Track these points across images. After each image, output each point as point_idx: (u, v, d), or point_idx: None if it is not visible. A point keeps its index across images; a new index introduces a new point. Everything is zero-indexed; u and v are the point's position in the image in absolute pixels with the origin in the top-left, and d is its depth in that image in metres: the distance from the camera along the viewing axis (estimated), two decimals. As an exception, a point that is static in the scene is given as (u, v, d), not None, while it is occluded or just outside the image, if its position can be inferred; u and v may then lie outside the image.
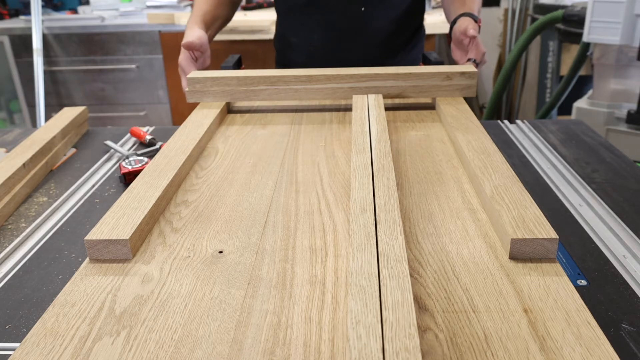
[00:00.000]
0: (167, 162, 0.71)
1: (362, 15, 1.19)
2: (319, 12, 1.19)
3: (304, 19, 1.22)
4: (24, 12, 2.78)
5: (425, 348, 0.41)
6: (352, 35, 1.21)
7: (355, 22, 1.19)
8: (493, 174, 0.64)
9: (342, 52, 1.23)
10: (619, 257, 0.62)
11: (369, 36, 1.21)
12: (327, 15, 1.19)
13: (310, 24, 1.21)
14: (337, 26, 1.20)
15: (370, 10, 1.19)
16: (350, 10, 1.18)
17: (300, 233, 0.58)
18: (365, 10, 1.18)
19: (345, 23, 1.20)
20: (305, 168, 0.73)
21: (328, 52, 1.23)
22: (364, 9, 1.18)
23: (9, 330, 0.52)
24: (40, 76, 2.46)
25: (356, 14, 1.19)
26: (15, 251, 0.67)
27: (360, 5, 1.18)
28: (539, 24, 2.25)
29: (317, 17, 1.20)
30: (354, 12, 1.19)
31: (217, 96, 0.95)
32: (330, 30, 1.21)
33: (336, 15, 1.19)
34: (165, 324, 0.45)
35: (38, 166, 0.85)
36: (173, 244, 0.56)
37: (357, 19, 1.19)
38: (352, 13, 1.19)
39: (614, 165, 0.86)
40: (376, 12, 1.20)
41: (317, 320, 0.45)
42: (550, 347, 0.41)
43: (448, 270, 0.51)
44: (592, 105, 1.94)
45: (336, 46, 1.22)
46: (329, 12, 1.19)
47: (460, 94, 0.94)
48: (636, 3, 1.68)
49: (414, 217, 0.60)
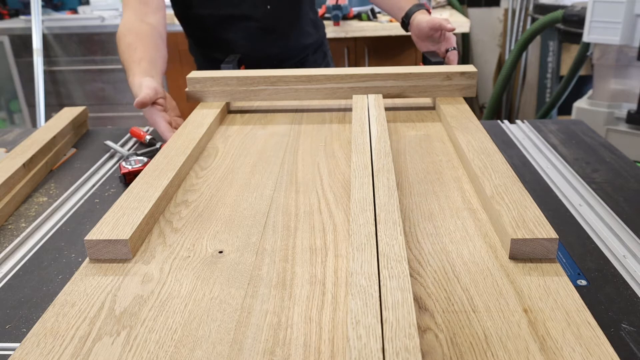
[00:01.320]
0: (167, 162, 0.71)
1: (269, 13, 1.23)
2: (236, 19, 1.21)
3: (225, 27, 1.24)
4: (24, 12, 2.77)
5: (425, 348, 0.41)
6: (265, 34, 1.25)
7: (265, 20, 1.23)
8: (493, 174, 0.64)
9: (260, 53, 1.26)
10: (619, 257, 0.62)
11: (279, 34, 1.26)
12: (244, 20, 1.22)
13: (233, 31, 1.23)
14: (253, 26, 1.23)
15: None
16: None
17: (300, 233, 0.58)
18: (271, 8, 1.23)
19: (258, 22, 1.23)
20: (305, 168, 0.73)
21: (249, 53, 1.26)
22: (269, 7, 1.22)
23: (9, 330, 0.52)
24: (40, 76, 2.46)
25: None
26: (15, 251, 0.67)
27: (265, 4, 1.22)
28: (539, 24, 2.25)
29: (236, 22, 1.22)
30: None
31: (217, 96, 0.95)
32: (249, 31, 1.23)
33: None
34: (165, 324, 0.45)
35: (38, 166, 0.85)
36: (173, 244, 0.56)
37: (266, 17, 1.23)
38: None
39: (614, 165, 0.86)
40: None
41: (317, 320, 0.45)
42: (550, 347, 0.41)
43: (448, 270, 0.51)
44: (592, 105, 1.95)
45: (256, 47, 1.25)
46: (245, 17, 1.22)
47: (460, 94, 0.94)
48: (636, 3, 1.68)
49: (414, 217, 0.60)
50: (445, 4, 2.83)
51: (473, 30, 2.98)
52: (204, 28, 1.25)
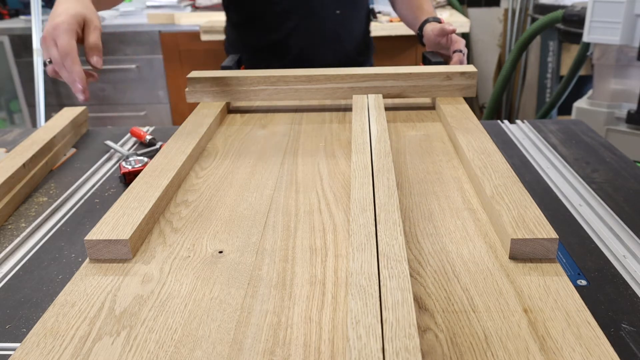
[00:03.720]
0: (167, 162, 0.71)
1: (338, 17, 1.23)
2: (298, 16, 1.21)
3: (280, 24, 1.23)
4: (24, 12, 2.78)
5: (425, 348, 0.41)
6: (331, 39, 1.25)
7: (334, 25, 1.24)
8: (493, 174, 0.64)
9: (320, 57, 1.26)
10: (619, 257, 0.62)
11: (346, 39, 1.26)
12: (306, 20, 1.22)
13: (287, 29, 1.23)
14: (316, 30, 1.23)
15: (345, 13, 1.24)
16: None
17: (300, 233, 0.58)
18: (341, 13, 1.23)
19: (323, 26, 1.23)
20: (305, 168, 0.73)
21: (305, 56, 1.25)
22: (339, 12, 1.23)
23: (9, 330, 0.52)
24: (40, 76, 2.46)
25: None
26: (15, 251, 0.67)
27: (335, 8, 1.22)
28: (539, 24, 2.25)
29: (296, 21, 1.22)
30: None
31: (217, 96, 0.95)
32: (310, 34, 1.23)
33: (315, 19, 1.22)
34: (165, 324, 0.45)
35: (38, 166, 0.85)
36: (173, 244, 0.56)
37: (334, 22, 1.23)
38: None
39: (614, 165, 0.86)
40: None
41: (317, 320, 0.45)
42: (550, 347, 0.41)
43: (448, 270, 0.51)
44: (592, 105, 1.94)
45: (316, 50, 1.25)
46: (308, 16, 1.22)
47: (460, 94, 0.94)
48: (636, 3, 1.68)
49: (414, 217, 0.60)
50: (445, 4, 2.83)
51: (473, 30, 2.98)
52: (262, 17, 1.24)
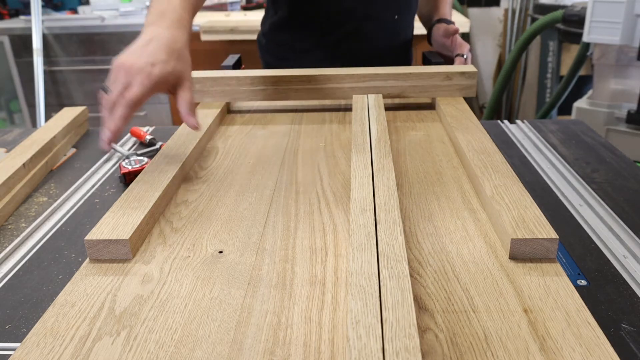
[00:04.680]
0: (167, 162, 0.71)
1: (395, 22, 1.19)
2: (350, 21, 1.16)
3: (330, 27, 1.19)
4: (24, 12, 2.78)
5: (425, 348, 0.41)
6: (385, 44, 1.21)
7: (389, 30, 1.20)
8: (493, 174, 0.64)
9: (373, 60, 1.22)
10: (619, 257, 0.62)
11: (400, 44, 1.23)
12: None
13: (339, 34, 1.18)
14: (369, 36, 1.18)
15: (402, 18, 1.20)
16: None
17: (300, 233, 0.58)
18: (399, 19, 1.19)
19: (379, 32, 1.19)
20: (305, 168, 0.73)
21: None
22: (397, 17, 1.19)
23: (9, 330, 0.52)
24: (40, 76, 2.46)
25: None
26: (15, 251, 0.67)
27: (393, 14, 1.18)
28: (539, 24, 2.25)
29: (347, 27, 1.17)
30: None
31: (217, 96, 0.95)
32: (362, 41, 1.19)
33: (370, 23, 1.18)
34: (165, 324, 0.45)
35: (38, 166, 0.85)
36: (173, 244, 0.56)
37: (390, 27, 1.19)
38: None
39: (614, 165, 0.86)
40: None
41: (317, 320, 0.45)
42: (550, 347, 0.41)
43: (448, 270, 0.51)
44: (592, 105, 1.94)
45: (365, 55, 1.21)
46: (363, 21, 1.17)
47: (460, 94, 0.94)
48: (636, 3, 1.68)
49: (414, 217, 0.60)
50: (445, 4, 2.83)
51: (473, 30, 2.98)
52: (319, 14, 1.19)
